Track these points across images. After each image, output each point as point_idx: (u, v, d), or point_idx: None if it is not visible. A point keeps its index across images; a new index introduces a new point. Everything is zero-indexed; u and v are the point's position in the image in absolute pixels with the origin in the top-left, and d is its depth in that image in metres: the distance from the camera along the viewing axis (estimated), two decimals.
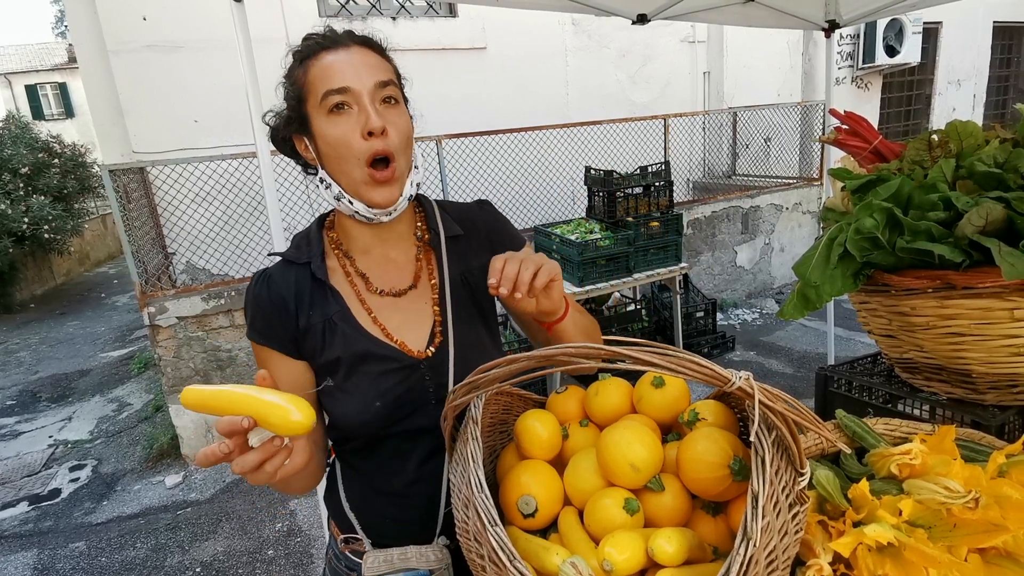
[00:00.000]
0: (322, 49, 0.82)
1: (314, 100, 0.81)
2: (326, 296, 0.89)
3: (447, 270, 0.93)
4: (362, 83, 0.80)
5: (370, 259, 0.93)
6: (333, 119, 0.81)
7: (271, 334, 0.88)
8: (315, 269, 0.89)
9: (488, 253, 0.96)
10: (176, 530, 3.13)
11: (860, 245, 0.99)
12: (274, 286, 0.89)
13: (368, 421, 0.87)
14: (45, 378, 5.87)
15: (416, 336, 0.91)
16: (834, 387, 1.32)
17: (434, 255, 0.95)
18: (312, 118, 0.83)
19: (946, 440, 0.80)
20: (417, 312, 0.92)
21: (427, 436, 0.90)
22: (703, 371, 0.58)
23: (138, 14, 4.15)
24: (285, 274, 0.90)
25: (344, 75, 0.80)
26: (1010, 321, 0.91)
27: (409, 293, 0.92)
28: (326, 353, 0.87)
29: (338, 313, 0.88)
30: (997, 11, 7.99)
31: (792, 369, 4.34)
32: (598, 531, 0.70)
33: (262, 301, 0.89)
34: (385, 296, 0.91)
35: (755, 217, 5.72)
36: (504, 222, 1.03)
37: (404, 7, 5.09)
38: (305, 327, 0.88)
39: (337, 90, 0.80)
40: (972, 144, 1.02)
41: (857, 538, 0.68)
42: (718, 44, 6.40)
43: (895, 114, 7.80)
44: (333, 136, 0.81)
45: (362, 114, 0.80)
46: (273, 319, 0.88)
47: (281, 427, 0.61)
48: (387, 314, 0.90)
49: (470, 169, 4.78)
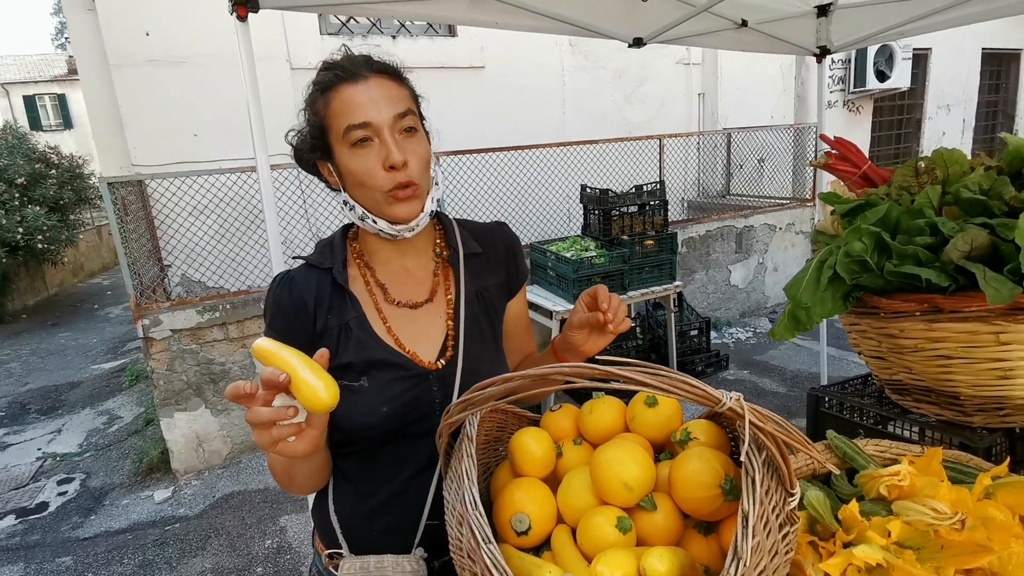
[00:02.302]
0: (341, 81, 0.85)
1: (336, 133, 0.85)
2: (345, 302, 0.92)
3: (463, 286, 0.97)
4: (381, 117, 0.84)
5: (390, 271, 0.96)
6: (356, 152, 0.85)
7: (289, 334, 0.90)
8: (336, 275, 0.92)
9: (504, 273, 1.03)
10: (164, 546, 3.08)
11: (849, 268, 1.01)
12: (295, 287, 0.92)
13: (374, 425, 0.89)
14: (35, 390, 5.81)
15: (428, 347, 0.93)
16: (825, 407, 1.33)
17: (452, 271, 0.99)
18: (335, 149, 0.87)
19: (933, 462, 0.81)
20: (431, 325, 0.95)
21: (426, 446, 0.92)
22: (694, 391, 0.59)
23: (141, 29, 4.20)
24: (307, 277, 0.93)
25: (364, 110, 0.84)
26: (996, 345, 0.93)
27: (425, 306, 0.96)
28: (339, 356, 0.89)
29: (355, 319, 0.91)
30: (986, 38, 8.18)
31: (785, 388, 4.35)
32: (590, 549, 0.70)
33: (282, 302, 0.91)
34: (402, 307, 0.94)
35: (749, 237, 5.77)
36: (520, 246, 1.08)
37: (404, 26, 5.16)
38: (322, 329, 0.90)
39: (358, 125, 0.83)
40: (958, 171, 1.05)
41: (847, 559, 0.69)
42: (713, 66, 6.51)
43: (886, 137, 7.93)
44: (356, 168, 0.85)
45: (383, 148, 0.84)
46: (292, 320, 0.91)
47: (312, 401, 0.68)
48: (401, 324, 0.93)
49: (468, 186, 4.82)
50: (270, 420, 0.67)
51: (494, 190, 4.95)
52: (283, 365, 0.68)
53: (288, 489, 0.92)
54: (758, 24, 2.56)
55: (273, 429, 0.68)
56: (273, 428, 0.68)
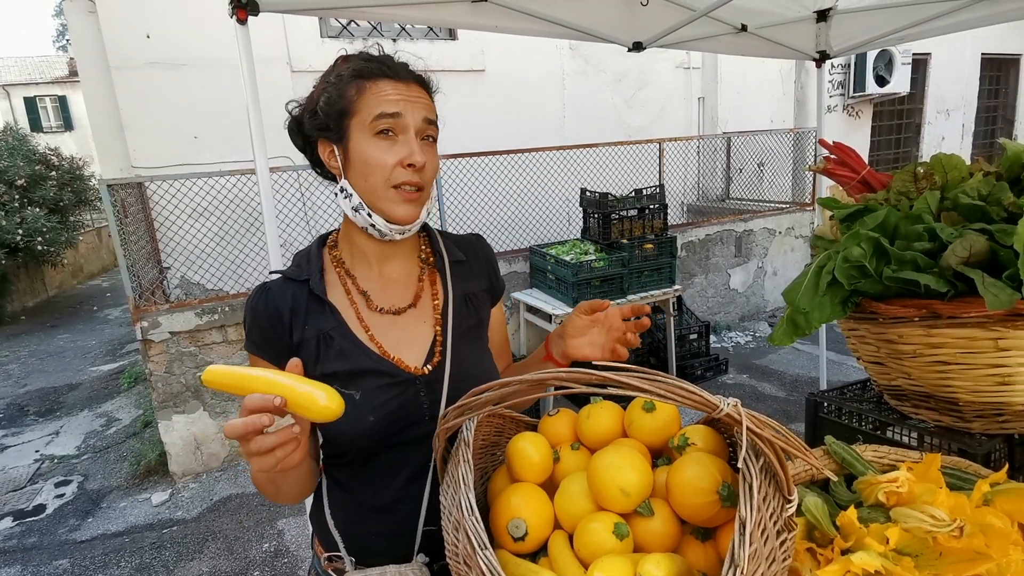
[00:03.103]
0: (383, 76, 0.86)
1: (361, 119, 0.85)
2: (323, 311, 0.91)
3: (451, 290, 0.97)
4: (413, 117, 0.86)
5: (372, 276, 0.96)
6: (377, 141, 0.85)
7: (266, 346, 0.91)
8: (313, 286, 0.92)
9: (487, 281, 1.04)
10: (161, 549, 3.07)
11: (848, 273, 1.01)
12: (271, 299, 0.91)
13: (361, 435, 0.88)
14: (33, 391, 5.80)
15: (414, 353, 0.93)
16: (824, 413, 1.33)
17: (438, 276, 0.99)
18: (352, 133, 0.86)
19: (932, 468, 0.81)
20: (416, 330, 0.95)
21: (418, 452, 0.91)
22: (692, 397, 0.59)
23: (142, 32, 4.21)
24: (283, 289, 0.92)
25: (400, 104, 0.85)
26: (994, 351, 0.92)
27: (408, 311, 0.95)
28: (320, 367, 0.89)
29: (335, 328, 0.90)
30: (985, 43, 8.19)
31: (785, 393, 4.34)
32: (587, 555, 0.70)
33: (259, 313, 0.91)
34: (385, 314, 0.94)
35: (748, 241, 5.78)
36: (496, 259, 1.10)
37: (405, 29, 5.18)
38: (299, 341, 0.90)
39: (391, 115, 0.84)
40: (956, 177, 1.05)
41: (845, 566, 0.69)
42: (712, 71, 6.52)
43: (885, 142, 7.93)
44: (374, 157, 0.85)
45: (406, 145, 0.85)
46: (268, 332, 0.90)
47: (315, 411, 0.65)
48: (385, 331, 0.93)
49: (467, 189, 4.83)
50: (276, 445, 0.66)
51: (494, 193, 4.96)
52: (269, 387, 0.65)
53: (275, 499, 0.90)
54: (758, 29, 2.57)
55: (277, 451, 0.67)
56: (277, 450, 0.67)
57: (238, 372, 0.67)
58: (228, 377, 0.67)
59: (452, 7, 2.09)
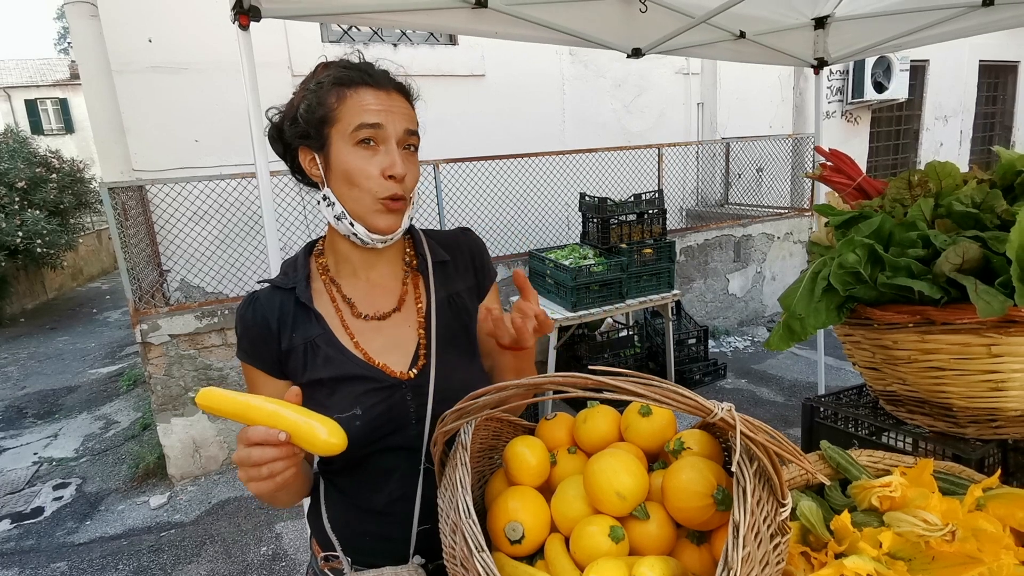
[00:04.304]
0: (364, 84, 0.86)
1: (342, 127, 0.85)
2: (309, 319, 0.92)
3: (434, 294, 0.98)
4: (394, 127, 0.86)
5: (356, 283, 0.96)
6: (358, 151, 0.85)
7: (256, 354, 0.92)
8: (299, 294, 0.93)
9: (473, 277, 1.03)
10: (159, 552, 3.07)
11: (843, 279, 1.02)
12: (259, 308, 0.93)
13: (349, 441, 0.89)
14: (32, 394, 5.80)
15: (399, 358, 0.94)
16: (820, 418, 1.33)
17: (422, 279, 1.00)
18: (333, 142, 0.86)
19: (924, 473, 0.82)
20: (401, 335, 0.95)
21: (408, 455, 0.92)
22: (686, 402, 0.59)
23: (143, 35, 4.22)
24: (271, 298, 0.94)
25: (380, 115, 0.85)
26: (988, 357, 0.93)
27: (393, 316, 0.96)
28: (308, 373, 0.90)
29: (321, 336, 0.91)
30: (983, 50, 8.23)
31: (783, 397, 4.35)
32: (583, 558, 0.71)
33: (248, 322, 0.93)
34: (369, 320, 0.95)
35: (747, 246, 5.79)
36: (485, 249, 1.09)
37: (405, 34, 5.20)
38: (288, 348, 0.91)
39: (371, 125, 0.84)
40: (951, 184, 1.06)
41: (838, 570, 0.69)
42: (711, 76, 6.55)
43: (884, 148, 7.96)
44: (355, 167, 0.85)
45: (387, 156, 0.86)
46: (258, 341, 0.92)
47: (317, 446, 0.66)
48: (369, 337, 0.94)
49: (467, 193, 4.84)
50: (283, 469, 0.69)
51: (493, 198, 4.97)
52: (273, 420, 0.66)
53: (272, 503, 0.92)
54: (756, 36, 2.58)
55: (278, 477, 0.69)
56: (278, 476, 0.69)
57: (238, 399, 0.67)
58: (227, 403, 0.67)
59: (453, 13, 2.11)
